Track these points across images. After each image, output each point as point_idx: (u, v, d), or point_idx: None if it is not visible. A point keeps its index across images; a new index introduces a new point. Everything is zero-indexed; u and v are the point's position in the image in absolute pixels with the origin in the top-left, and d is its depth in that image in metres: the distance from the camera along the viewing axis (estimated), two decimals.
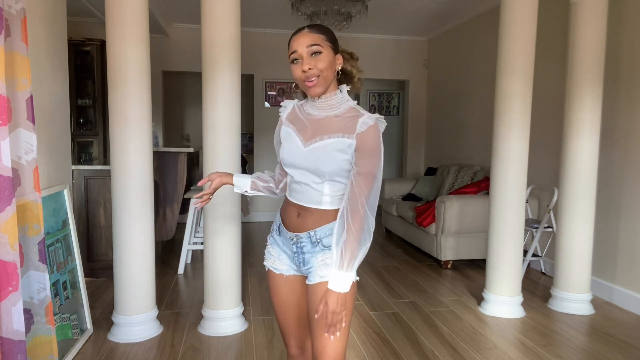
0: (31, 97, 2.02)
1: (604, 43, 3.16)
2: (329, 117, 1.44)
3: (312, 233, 1.45)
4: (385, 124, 1.43)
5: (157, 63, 5.79)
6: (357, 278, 1.42)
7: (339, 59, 1.44)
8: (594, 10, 3.11)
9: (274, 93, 6.45)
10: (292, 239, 1.49)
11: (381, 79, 6.76)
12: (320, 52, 1.37)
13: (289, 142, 1.49)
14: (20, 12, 1.94)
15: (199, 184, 1.62)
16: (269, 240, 1.62)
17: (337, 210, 1.42)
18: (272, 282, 1.59)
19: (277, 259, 1.56)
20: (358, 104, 1.49)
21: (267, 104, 6.46)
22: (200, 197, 1.62)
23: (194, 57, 5.19)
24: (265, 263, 1.62)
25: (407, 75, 6.74)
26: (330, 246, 1.41)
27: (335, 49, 1.42)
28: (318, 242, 1.44)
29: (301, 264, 1.49)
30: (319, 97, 1.44)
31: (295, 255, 1.50)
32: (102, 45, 5.37)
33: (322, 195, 1.43)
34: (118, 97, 2.61)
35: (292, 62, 1.41)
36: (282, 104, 1.59)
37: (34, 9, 2.49)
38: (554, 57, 4.01)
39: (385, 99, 8.30)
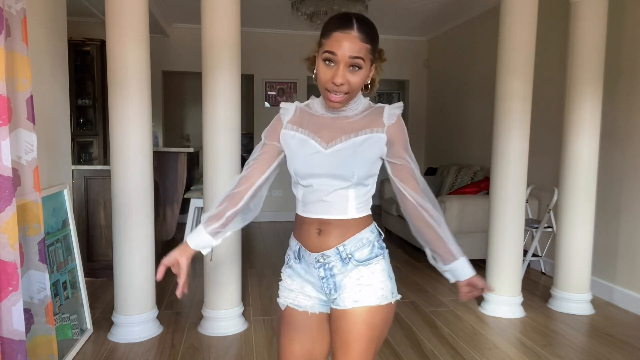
0: (31, 97, 2.02)
1: (604, 43, 3.16)
2: (347, 117, 1.26)
3: (340, 248, 1.24)
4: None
5: (157, 63, 5.79)
6: (400, 296, 1.30)
7: (373, 69, 1.26)
8: (594, 10, 3.11)
9: (274, 93, 6.45)
10: (318, 261, 1.25)
11: (381, 78, 6.73)
12: (360, 68, 1.18)
13: (302, 148, 1.25)
14: (21, 12, 1.94)
15: (158, 278, 1.34)
16: (284, 273, 1.36)
17: (364, 219, 1.26)
18: (288, 324, 1.30)
19: (301, 293, 1.30)
20: None
21: (267, 104, 6.46)
22: (182, 286, 1.37)
23: (194, 57, 5.18)
24: (280, 300, 1.34)
25: (407, 75, 6.74)
26: (365, 261, 1.24)
27: (374, 58, 1.24)
28: (349, 258, 1.24)
29: (332, 291, 1.25)
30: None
31: (324, 280, 1.25)
32: (102, 45, 5.37)
33: (348, 202, 1.24)
34: (118, 97, 2.62)
35: (324, 61, 1.17)
36: (281, 105, 1.36)
37: (34, 9, 2.49)
38: (554, 57, 4.01)
39: (385, 99, 8.31)
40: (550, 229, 3.94)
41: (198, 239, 1.37)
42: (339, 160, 1.22)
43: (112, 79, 2.63)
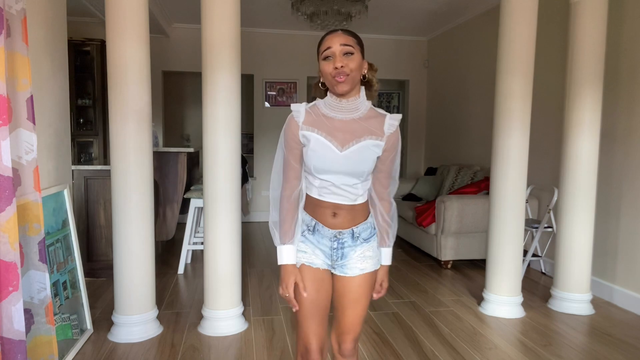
0: (31, 97, 2.02)
1: (604, 43, 3.16)
2: (354, 120, 1.51)
3: (355, 229, 1.57)
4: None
5: (157, 63, 5.79)
6: (379, 265, 1.67)
7: (365, 64, 1.52)
8: (594, 10, 3.11)
9: (274, 93, 6.45)
10: (335, 236, 1.56)
11: (381, 79, 6.67)
12: (352, 53, 1.44)
13: (321, 149, 1.49)
14: (21, 12, 1.94)
15: (295, 308, 1.57)
16: (300, 242, 1.60)
17: (366, 204, 1.60)
18: (307, 277, 1.57)
19: (312, 255, 1.58)
20: None
21: (267, 104, 6.46)
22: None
23: (194, 57, 5.19)
24: (297, 260, 1.59)
25: (407, 75, 6.74)
26: (367, 239, 1.59)
27: (363, 54, 1.51)
28: (358, 237, 1.57)
29: (339, 258, 1.58)
30: (344, 97, 1.49)
31: (335, 250, 1.57)
32: (102, 45, 5.37)
33: (357, 193, 1.55)
34: (118, 97, 2.61)
35: (325, 59, 1.45)
36: (292, 107, 1.56)
37: (34, 9, 2.49)
38: (554, 57, 4.01)
39: (385, 99, 8.31)
40: (550, 229, 3.94)
41: (291, 254, 1.57)
42: (352, 161, 1.49)
43: (112, 79, 2.63)
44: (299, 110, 1.54)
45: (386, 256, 1.66)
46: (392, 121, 1.54)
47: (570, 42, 3.23)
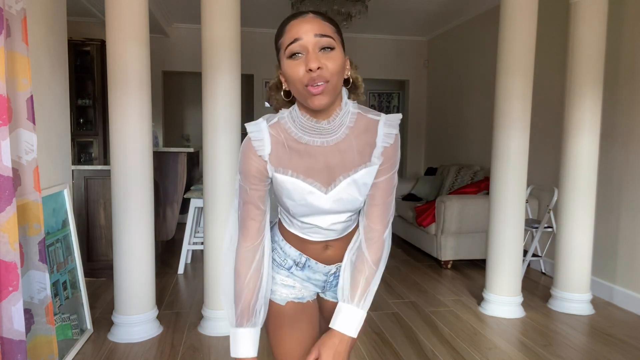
0: (31, 97, 2.02)
1: (604, 43, 3.16)
2: (339, 142, 1.09)
3: (353, 257, 1.26)
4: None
5: (157, 63, 5.79)
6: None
7: (347, 62, 1.07)
8: (594, 10, 3.11)
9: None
10: (332, 271, 1.26)
11: (381, 79, 6.76)
12: (332, 48, 1.00)
13: (300, 194, 1.10)
14: (21, 12, 1.94)
15: None
16: (280, 274, 1.26)
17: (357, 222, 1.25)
18: (291, 316, 1.25)
19: (302, 288, 1.27)
20: None
21: (267, 104, 6.46)
22: None
23: (194, 57, 5.20)
24: (278, 299, 1.25)
25: (407, 75, 6.74)
26: None
27: (344, 47, 1.06)
28: None
29: (332, 287, 1.31)
30: (321, 114, 1.06)
31: (328, 283, 1.29)
32: (102, 45, 5.37)
33: (349, 222, 1.21)
34: (118, 97, 2.61)
35: (291, 56, 1.00)
36: (249, 129, 1.10)
37: (34, 9, 2.49)
38: (554, 57, 4.01)
39: (385, 99, 8.30)
40: (550, 229, 3.94)
41: (251, 342, 1.20)
42: (342, 201, 1.12)
43: (112, 79, 2.63)
44: (260, 138, 1.09)
45: (349, 320, 1.13)
46: (389, 130, 1.12)
47: (570, 42, 3.23)
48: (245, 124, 1.12)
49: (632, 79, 3.34)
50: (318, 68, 0.96)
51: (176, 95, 7.41)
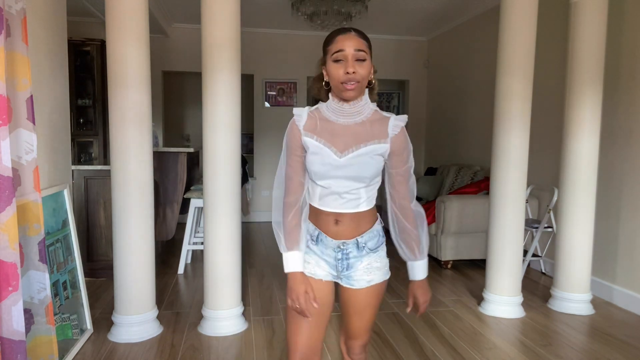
0: (31, 97, 2.02)
1: (604, 43, 3.16)
2: (357, 124, 1.45)
3: (360, 239, 1.49)
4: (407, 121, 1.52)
5: (157, 63, 5.79)
6: (389, 274, 1.58)
7: (372, 69, 1.46)
8: (594, 10, 3.11)
9: (274, 93, 6.45)
10: (339, 247, 1.49)
11: (381, 79, 6.70)
12: (364, 60, 1.38)
13: (321, 156, 1.44)
14: (21, 12, 1.94)
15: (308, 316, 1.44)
16: (305, 253, 1.54)
17: (372, 211, 1.52)
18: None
19: (316, 266, 1.52)
20: None
21: (267, 104, 6.46)
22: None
23: (194, 57, 5.19)
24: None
25: (407, 75, 6.74)
26: (375, 249, 1.51)
27: (371, 55, 1.44)
28: (364, 247, 1.50)
29: (344, 269, 1.51)
30: (346, 101, 1.43)
31: (340, 261, 1.50)
32: (102, 45, 5.37)
33: (360, 198, 1.47)
34: (118, 97, 2.61)
35: (336, 61, 1.38)
36: (295, 111, 1.50)
37: (34, 9, 2.49)
38: (554, 57, 4.01)
39: (385, 99, 8.31)
40: (550, 229, 3.94)
41: (298, 261, 1.48)
42: (353, 167, 1.43)
43: (112, 79, 2.63)
44: (300, 114, 1.49)
45: (419, 270, 1.54)
46: (397, 122, 1.48)
47: (570, 42, 3.23)
48: (294, 109, 1.50)
49: (632, 79, 3.34)
50: (353, 72, 1.36)
51: (176, 95, 7.41)
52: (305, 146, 1.47)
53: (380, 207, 1.55)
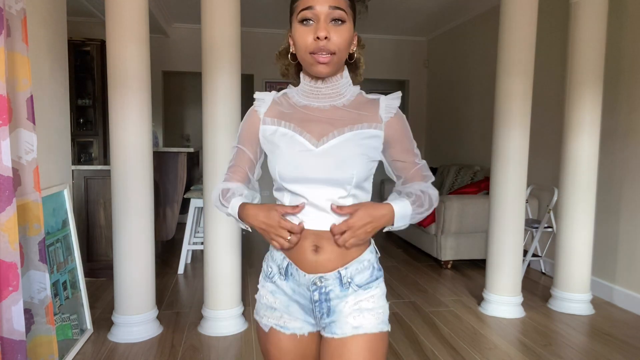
0: (31, 97, 2.01)
1: (604, 43, 3.16)
2: (336, 107, 1.09)
3: (342, 272, 1.08)
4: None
5: (157, 63, 5.79)
6: (389, 328, 1.12)
7: (355, 37, 1.10)
8: (594, 10, 3.11)
9: None
10: (315, 284, 1.08)
11: (381, 79, 6.76)
12: (343, 22, 1.02)
13: (288, 147, 1.07)
14: (21, 12, 1.94)
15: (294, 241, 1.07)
16: (264, 287, 1.16)
17: None
18: (274, 346, 1.14)
19: (285, 313, 1.12)
20: None
21: None
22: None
23: (194, 57, 5.19)
24: (262, 321, 1.16)
25: (407, 75, 6.74)
26: (365, 285, 1.10)
27: (355, 23, 1.08)
28: (350, 283, 1.09)
29: (324, 315, 1.09)
30: (320, 78, 1.08)
31: (317, 304, 1.09)
32: (102, 45, 5.37)
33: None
34: (118, 97, 2.61)
35: (302, 21, 1.02)
36: (256, 95, 1.16)
37: (34, 9, 2.49)
38: (554, 57, 4.01)
39: None
40: (550, 229, 3.94)
41: (239, 199, 1.15)
42: (334, 160, 1.04)
43: (112, 79, 2.63)
44: (263, 99, 1.15)
45: (400, 206, 1.10)
46: (390, 101, 1.12)
47: (570, 42, 3.23)
48: (255, 93, 1.16)
49: (632, 79, 3.34)
50: (325, 38, 0.99)
51: (176, 95, 7.41)
52: (264, 140, 1.13)
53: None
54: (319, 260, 1.07)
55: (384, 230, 1.12)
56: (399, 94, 1.14)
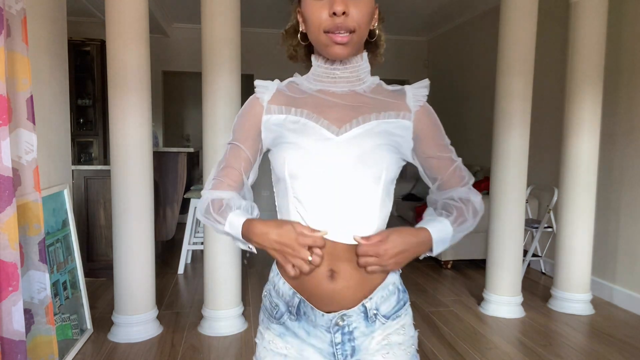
0: (31, 97, 2.01)
1: (604, 43, 3.16)
2: (357, 93, 0.92)
3: (367, 304, 0.88)
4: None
5: (157, 63, 5.79)
6: (418, 330, 0.99)
7: (376, 12, 0.91)
8: (594, 10, 3.11)
9: None
10: (337, 324, 0.88)
11: (381, 79, 6.76)
12: None
13: (302, 136, 0.87)
14: (21, 12, 1.94)
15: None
16: (270, 330, 0.95)
17: None
18: None
19: (298, 359, 0.91)
20: None
21: None
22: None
23: (194, 57, 5.18)
24: None
25: (407, 75, 6.74)
26: (393, 314, 0.92)
27: None
28: (376, 315, 0.90)
29: (348, 357, 0.91)
30: (335, 63, 0.90)
31: (339, 346, 0.89)
32: (102, 45, 5.37)
33: (374, 219, 0.89)
34: (118, 97, 2.61)
35: None
36: (257, 82, 0.97)
37: (34, 9, 2.49)
38: (554, 57, 4.01)
39: None
40: (550, 229, 3.94)
41: (241, 216, 0.94)
42: (358, 152, 0.86)
43: (112, 79, 2.63)
44: (265, 85, 0.96)
45: (439, 229, 0.93)
46: (418, 89, 0.96)
47: (570, 42, 3.23)
48: (255, 81, 0.98)
49: (632, 79, 3.34)
50: (343, 13, 0.81)
51: (176, 95, 7.41)
52: (267, 133, 0.93)
53: None
54: (336, 289, 0.86)
55: (420, 258, 0.96)
56: (426, 81, 0.98)
